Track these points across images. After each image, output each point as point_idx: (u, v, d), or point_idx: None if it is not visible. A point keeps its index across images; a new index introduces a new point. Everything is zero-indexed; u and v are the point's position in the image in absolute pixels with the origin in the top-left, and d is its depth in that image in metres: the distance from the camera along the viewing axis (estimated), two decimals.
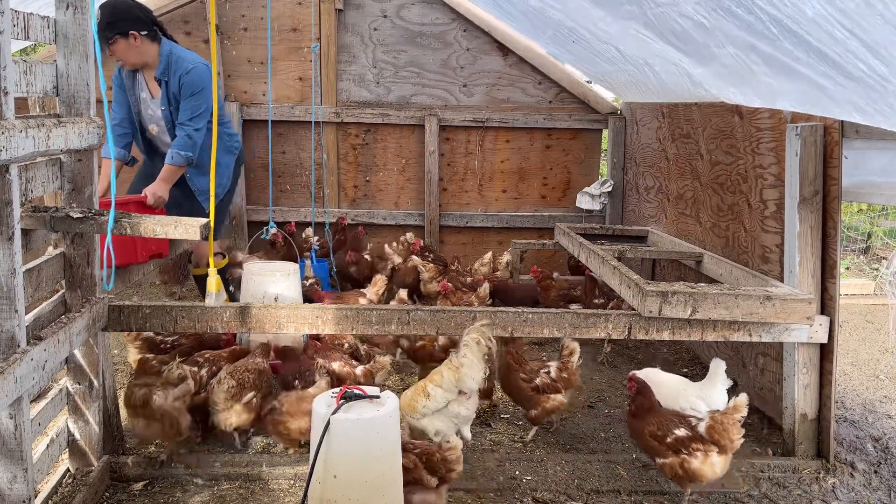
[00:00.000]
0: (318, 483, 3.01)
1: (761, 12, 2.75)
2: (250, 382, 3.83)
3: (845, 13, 2.30)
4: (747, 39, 3.13)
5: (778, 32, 2.81)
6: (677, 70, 4.67)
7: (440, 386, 3.48)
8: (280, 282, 4.80)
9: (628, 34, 4.37)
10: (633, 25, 4.10)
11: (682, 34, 3.68)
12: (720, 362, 3.98)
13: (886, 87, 2.63)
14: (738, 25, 3.03)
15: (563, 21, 5.09)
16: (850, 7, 2.24)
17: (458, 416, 3.53)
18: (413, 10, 7.31)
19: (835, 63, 2.72)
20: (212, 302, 3.97)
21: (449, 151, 7.58)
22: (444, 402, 3.48)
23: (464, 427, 3.61)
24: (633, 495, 3.68)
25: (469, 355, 3.43)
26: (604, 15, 4.28)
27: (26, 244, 3.09)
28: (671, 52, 4.19)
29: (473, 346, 3.42)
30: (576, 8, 4.49)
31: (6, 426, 2.66)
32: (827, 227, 3.91)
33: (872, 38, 2.37)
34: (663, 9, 3.48)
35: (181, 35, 7.15)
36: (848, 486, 3.79)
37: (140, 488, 3.60)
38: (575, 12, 4.63)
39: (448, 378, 3.46)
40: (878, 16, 2.16)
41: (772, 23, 2.77)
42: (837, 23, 2.39)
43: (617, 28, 4.42)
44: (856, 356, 5.92)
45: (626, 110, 7.39)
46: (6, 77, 2.52)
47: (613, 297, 5.31)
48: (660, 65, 4.91)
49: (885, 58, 2.42)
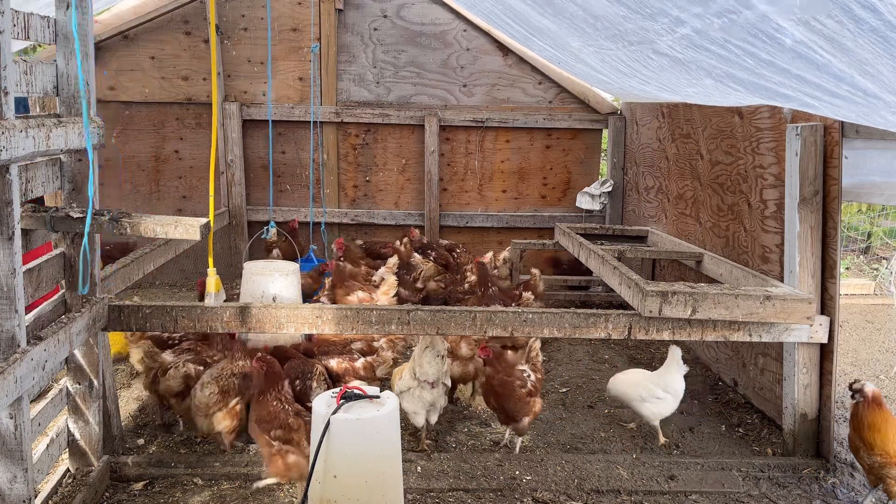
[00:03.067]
0: (318, 483, 3.01)
1: (736, 48, 2.74)
2: (235, 388, 3.82)
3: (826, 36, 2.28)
4: (726, 70, 3.13)
5: (754, 64, 2.81)
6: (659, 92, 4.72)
7: (408, 372, 4.02)
8: (279, 281, 4.80)
9: (609, 64, 4.41)
10: (610, 56, 4.13)
11: (658, 69, 3.71)
12: (676, 349, 4.26)
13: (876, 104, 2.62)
14: (717, 58, 3.03)
15: (551, 45, 5.13)
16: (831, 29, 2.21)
17: (423, 399, 3.95)
18: (413, 10, 7.31)
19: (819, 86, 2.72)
20: (212, 302, 3.97)
21: (449, 151, 7.58)
22: (408, 386, 3.96)
23: (431, 413, 4.04)
24: (633, 495, 3.68)
25: (421, 350, 3.96)
26: (581, 46, 4.30)
27: (26, 244, 3.09)
28: (651, 82, 4.23)
29: (426, 344, 3.93)
30: (557, 38, 4.52)
31: (6, 426, 2.65)
32: (827, 227, 3.91)
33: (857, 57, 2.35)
34: (637, 48, 3.49)
35: (181, 35, 7.16)
36: (848, 486, 3.79)
37: (140, 488, 3.60)
38: (560, 40, 4.65)
39: (409, 367, 4.02)
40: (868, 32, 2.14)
41: (747, 56, 2.76)
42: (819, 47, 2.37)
43: (596, 59, 4.46)
44: (856, 356, 5.91)
45: (626, 110, 7.39)
46: (6, 77, 2.52)
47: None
48: (638, 90, 4.97)
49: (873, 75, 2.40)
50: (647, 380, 4.22)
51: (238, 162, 7.28)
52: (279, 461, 3.37)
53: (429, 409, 3.99)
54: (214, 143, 4.10)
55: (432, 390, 3.92)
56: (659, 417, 4.20)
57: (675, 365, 4.21)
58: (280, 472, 3.42)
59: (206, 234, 3.37)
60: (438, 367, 3.89)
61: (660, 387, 4.16)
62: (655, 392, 4.15)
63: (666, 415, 4.20)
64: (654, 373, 4.27)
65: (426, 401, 3.94)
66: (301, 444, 3.35)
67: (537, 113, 7.50)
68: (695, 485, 3.76)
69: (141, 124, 7.34)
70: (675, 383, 4.17)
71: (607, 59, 4.29)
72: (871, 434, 3.43)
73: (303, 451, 3.32)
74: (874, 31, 2.06)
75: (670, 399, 4.16)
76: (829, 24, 2.13)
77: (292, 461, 3.36)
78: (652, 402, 4.17)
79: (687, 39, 2.94)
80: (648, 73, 4.05)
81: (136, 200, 7.37)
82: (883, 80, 2.39)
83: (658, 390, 4.15)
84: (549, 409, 4.72)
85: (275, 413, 3.45)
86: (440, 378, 3.95)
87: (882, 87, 2.46)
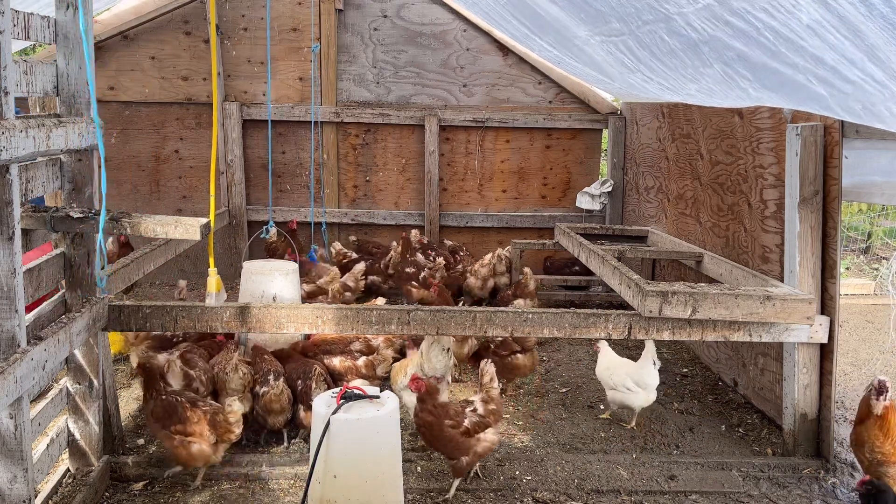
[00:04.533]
0: (318, 483, 3.01)
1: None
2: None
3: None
4: (741, 50, 3.11)
5: (773, 38, 2.80)
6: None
7: (412, 368, 4.00)
8: (278, 281, 4.80)
9: (614, 56, 4.38)
10: (617, 45, 4.09)
11: (668, 54, 3.68)
12: (651, 343, 4.35)
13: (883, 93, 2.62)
14: (735, 34, 3.01)
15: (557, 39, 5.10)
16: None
17: None
18: (413, 10, 7.31)
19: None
20: (212, 302, 3.97)
21: (449, 151, 7.58)
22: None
23: None
24: (633, 495, 3.68)
25: (429, 346, 3.99)
26: (588, 35, 4.27)
27: (26, 244, 3.09)
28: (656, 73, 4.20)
29: (432, 340, 3.97)
30: (564, 29, 4.49)
31: (6, 426, 2.65)
32: (827, 227, 3.91)
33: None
34: (650, 27, 3.46)
35: (181, 35, 7.15)
36: (848, 486, 3.79)
37: (140, 488, 3.60)
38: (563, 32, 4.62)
39: (415, 361, 4.02)
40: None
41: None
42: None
43: (602, 51, 4.43)
44: (856, 356, 5.91)
45: (626, 110, 7.39)
46: (6, 77, 2.51)
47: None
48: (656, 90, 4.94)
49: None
50: (624, 371, 4.35)
51: (238, 162, 7.29)
52: (183, 452, 3.48)
53: None
54: (214, 143, 4.10)
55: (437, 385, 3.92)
56: (628, 407, 4.37)
57: (649, 359, 4.32)
58: (186, 462, 3.53)
59: (206, 234, 3.36)
60: (446, 361, 3.91)
61: (632, 378, 4.30)
62: (626, 383, 4.30)
63: (635, 405, 4.35)
64: (634, 365, 4.38)
65: None
66: (203, 434, 3.47)
67: (537, 113, 7.50)
68: (695, 485, 3.76)
69: (141, 124, 7.34)
70: (648, 377, 4.29)
71: (613, 50, 4.22)
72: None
73: (205, 440, 3.46)
74: (884, 17, 2.08)
75: (641, 393, 4.30)
76: (843, 4, 2.15)
77: (196, 450, 3.47)
78: (622, 391, 4.33)
79: (708, 10, 2.91)
80: (654, 65, 4.00)
81: (136, 200, 7.38)
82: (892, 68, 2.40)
83: (630, 381, 4.30)
84: (550, 409, 4.73)
85: (171, 406, 3.53)
86: (446, 373, 3.96)
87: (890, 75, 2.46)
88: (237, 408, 3.57)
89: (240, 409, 3.59)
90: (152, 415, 3.59)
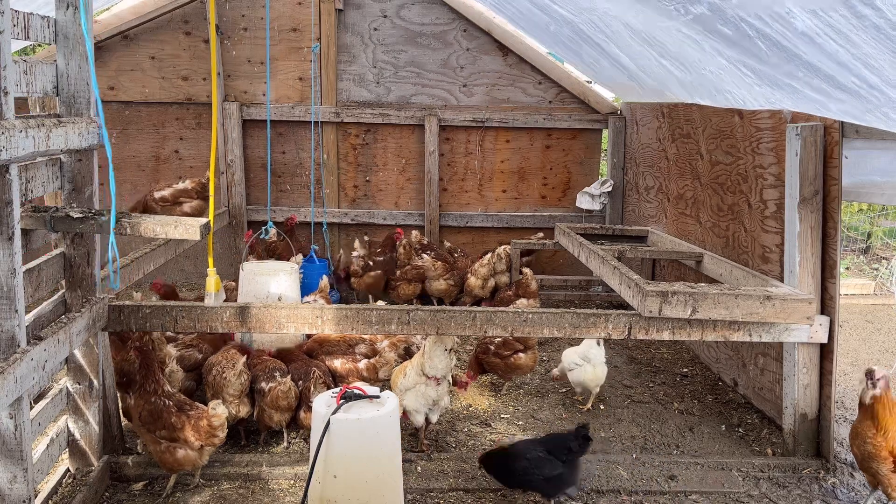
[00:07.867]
0: (318, 483, 3.01)
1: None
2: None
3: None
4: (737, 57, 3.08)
5: (767, 48, 2.77)
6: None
7: (413, 368, 3.99)
8: (281, 280, 4.80)
9: (631, 29, 4.26)
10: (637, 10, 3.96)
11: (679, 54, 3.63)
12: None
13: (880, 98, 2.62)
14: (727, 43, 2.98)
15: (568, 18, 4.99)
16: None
17: (427, 396, 3.94)
18: (413, 9, 7.31)
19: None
20: (212, 302, 3.97)
21: (449, 151, 7.57)
22: (414, 383, 3.94)
23: (433, 411, 4.03)
24: (633, 495, 3.68)
25: (431, 346, 3.95)
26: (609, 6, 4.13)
27: (26, 244, 3.09)
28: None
29: (435, 340, 3.94)
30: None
31: (6, 426, 2.66)
32: (827, 227, 3.91)
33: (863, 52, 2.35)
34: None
35: (181, 35, 7.15)
36: (848, 486, 3.79)
37: (140, 488, 3.60)
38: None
39: (416, 363, 3.98)
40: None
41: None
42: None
43: (619, 23, 4.31)
44: (856, 356, 5.91)
45: (626, 110, 7.38)
46: (6, 77, 2.52)
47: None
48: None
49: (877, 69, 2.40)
50: (572, 350, 4.75)
51: (238, 162, 7.28)
52: (168, 457, 3.48)
53: (431, 407, 3.99)
54: (214, 143, 4.09)
55: (437, 387, 3.92)
56: (585, 384, 4.65)
57: (593, 340, 4.65)
58: (172, 467, 3.52)
59: (206, 234, 3.36)
60: (447, 362, 3.92)
61: (578, 354, 4.66)
62: (574, 359, 4.66)
63: (589, 383, 4.63)
64: (580, 347, 4.73)
65: (430, 398, 3.94)
66: (188, 440, 3.46)
67: (537, 113, 7.50)
68: (695, 485, 3.76)
69: (141, 124, 7.34)
70: (590, 352, 4.64)
71: (631, 18, 4.08)
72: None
73: (191, 446, 3.46)
74: (877, 28, 2.07)
75: (588, 367, 4.62)
76: (834, 17, 2.15)
77: (181, 456, 3.47)
78: (573, 368, 4.67)
79: (699, 22, 2.91)
80: (668, 40, 3.85)
81: (136, 200, 7.37)
82: (887, 76, 2.40)
83: (577, 357, 4.66)
84: (549, 409, 4.73)
85: (157, 412, 3.51)
86: (448, 374, 3.98)
87: (885, 82, 2.46)
88: (221, 411, 3.51)
89: (224, 412, 3.53)
90: (139, 418, 3.54)
